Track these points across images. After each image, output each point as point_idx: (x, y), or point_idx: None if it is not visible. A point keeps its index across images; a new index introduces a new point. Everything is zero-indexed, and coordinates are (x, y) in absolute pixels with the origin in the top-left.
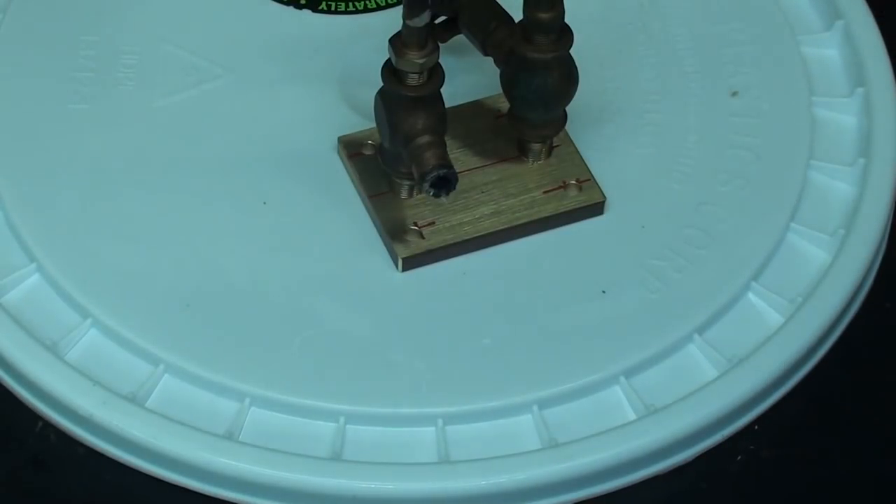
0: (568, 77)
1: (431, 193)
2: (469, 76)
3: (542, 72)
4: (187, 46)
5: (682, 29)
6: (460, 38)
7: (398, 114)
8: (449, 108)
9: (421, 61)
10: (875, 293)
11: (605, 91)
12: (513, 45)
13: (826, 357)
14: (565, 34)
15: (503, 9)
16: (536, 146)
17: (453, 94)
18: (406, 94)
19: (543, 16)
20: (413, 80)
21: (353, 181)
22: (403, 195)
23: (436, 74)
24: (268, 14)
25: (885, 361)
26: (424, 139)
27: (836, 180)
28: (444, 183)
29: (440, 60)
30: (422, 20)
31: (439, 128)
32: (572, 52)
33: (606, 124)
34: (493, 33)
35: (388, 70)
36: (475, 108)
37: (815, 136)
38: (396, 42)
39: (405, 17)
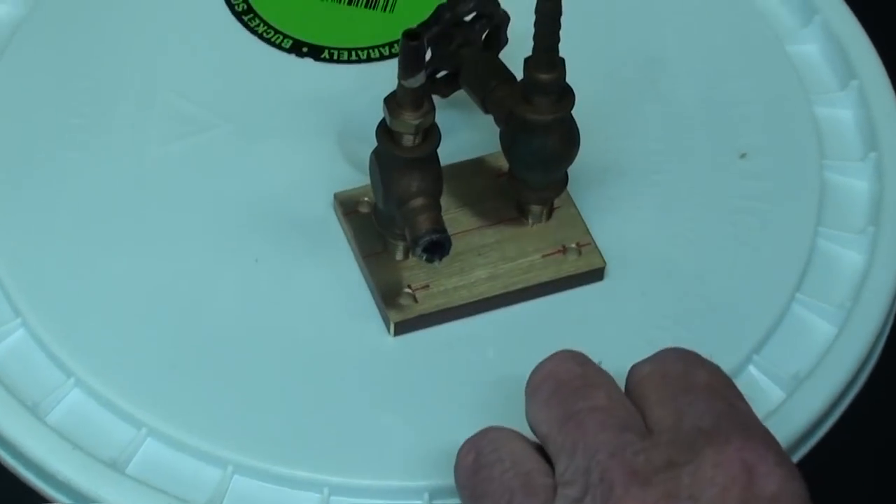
0: (569, 139)
1: (424, 258)
2: (472, 132)
3: (541, 134)
4: (186, 94)
5: (692, 86)
6: (464, 93)
7: (392, 175)
8: (449, 164)
9: (416, 122)
10: (880, 370)
11: (610, 150)
12: (512, 106)
13: (825, 438)
14: (566, 95)
15: (505, 66)
16: (536, 208)
17: (454, 149)
18: (400, 155)
19: (544, 76)
20: (408, 141)
21: (348, 239)
22: (398, 256)
23: (431, 135)
24: (269, 62)
25: (888, 444)
26: (418, 202)
27: (845, 248)
28: (438, 248)
29: (443, 114)
30: (417, 81)
31: (434, 190)
32: (578, 106)
33: (610, 185)
34: (493, 91)
35: (383, 130)
36: (476, 166)
37: (824, 202)
38: (391, 102)
39: (400, 77)
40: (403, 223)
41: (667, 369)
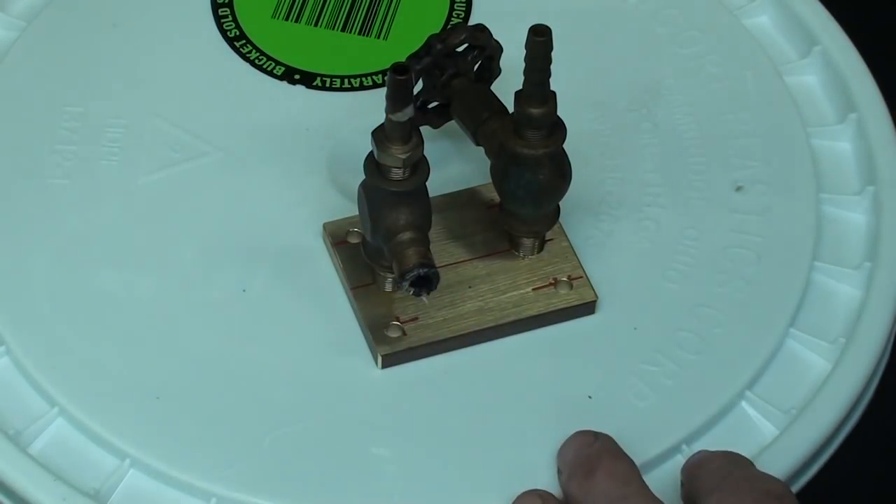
0: (560, 174)
1: (411, 292)
2: (464, 163)
3: (532, 168)
4: (176, 120)
5: (689, 117)
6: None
7: (380, 208)
8: (442, 195)
9: (404, 156)
10: (875, 406)
11: (605, 181)
12: (503, 139)
13: (819, 475)
14: (557, 129)
15: (497, 98)
16: (528, 241)
17: (446, 180)
18: (388, 188)
19: (534, 111)
20: (396, 174)
21: (336, 270)
22: (387, 287)
23: (420, 169)
24: (261, 88)
25: (881, 481)
26: (406, 236)
27: (841, 283)
28: (425, 282)
29: (435, 144)
30: (405, 115)
31: (423, 224)
32: (572, 137)
33: (604, 217)
34: (484, 124)
35: (371, 163)
36: (468, 197)
37: (820, 236)
38: (379, 135)
39: (388, 111)
40: (391, 257)
41: None
